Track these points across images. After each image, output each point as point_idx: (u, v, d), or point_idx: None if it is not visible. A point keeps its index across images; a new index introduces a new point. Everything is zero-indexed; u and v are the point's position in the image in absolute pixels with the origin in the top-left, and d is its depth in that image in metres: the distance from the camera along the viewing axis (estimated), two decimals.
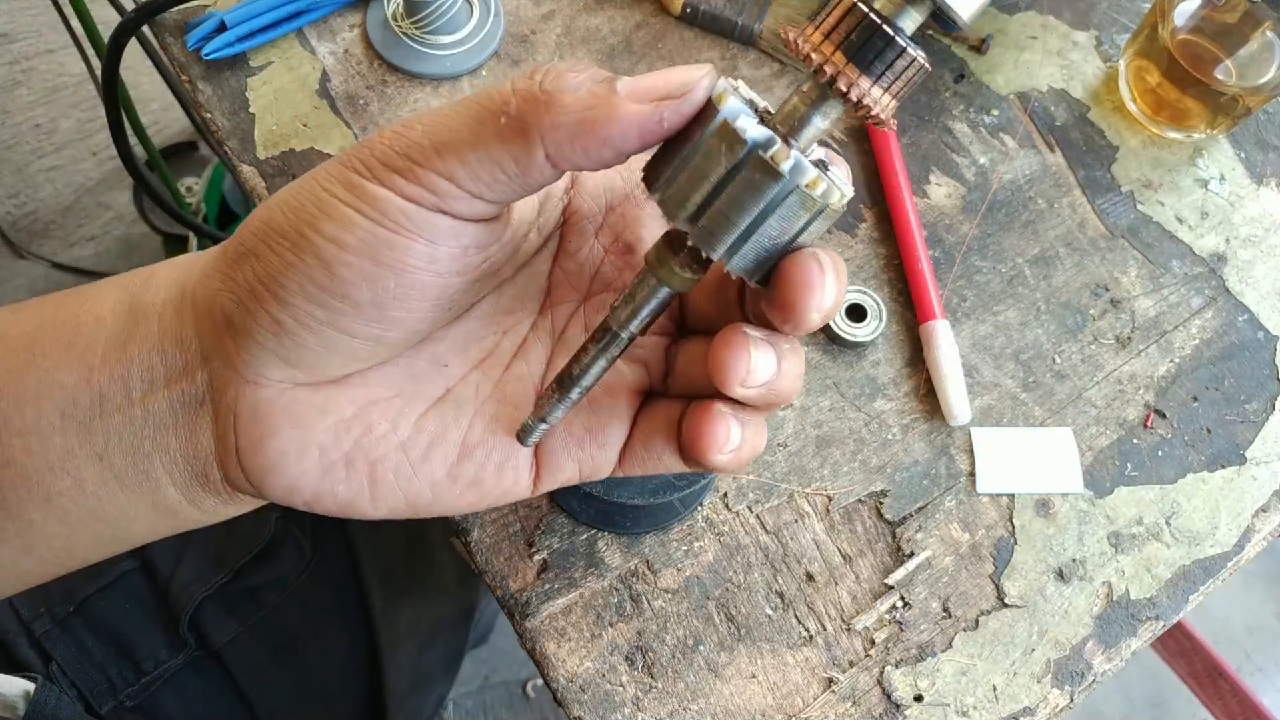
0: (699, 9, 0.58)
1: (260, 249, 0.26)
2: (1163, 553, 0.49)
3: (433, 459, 0.30)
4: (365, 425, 0.29)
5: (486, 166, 0.25)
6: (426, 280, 0.27)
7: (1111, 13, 0.63)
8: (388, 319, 0.27)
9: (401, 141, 0.25)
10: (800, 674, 0.45)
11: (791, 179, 0.25)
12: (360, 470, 0.29)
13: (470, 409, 0.30)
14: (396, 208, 0.25)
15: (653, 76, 0.25)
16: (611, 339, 0.29)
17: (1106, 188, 0.58)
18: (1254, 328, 0.55)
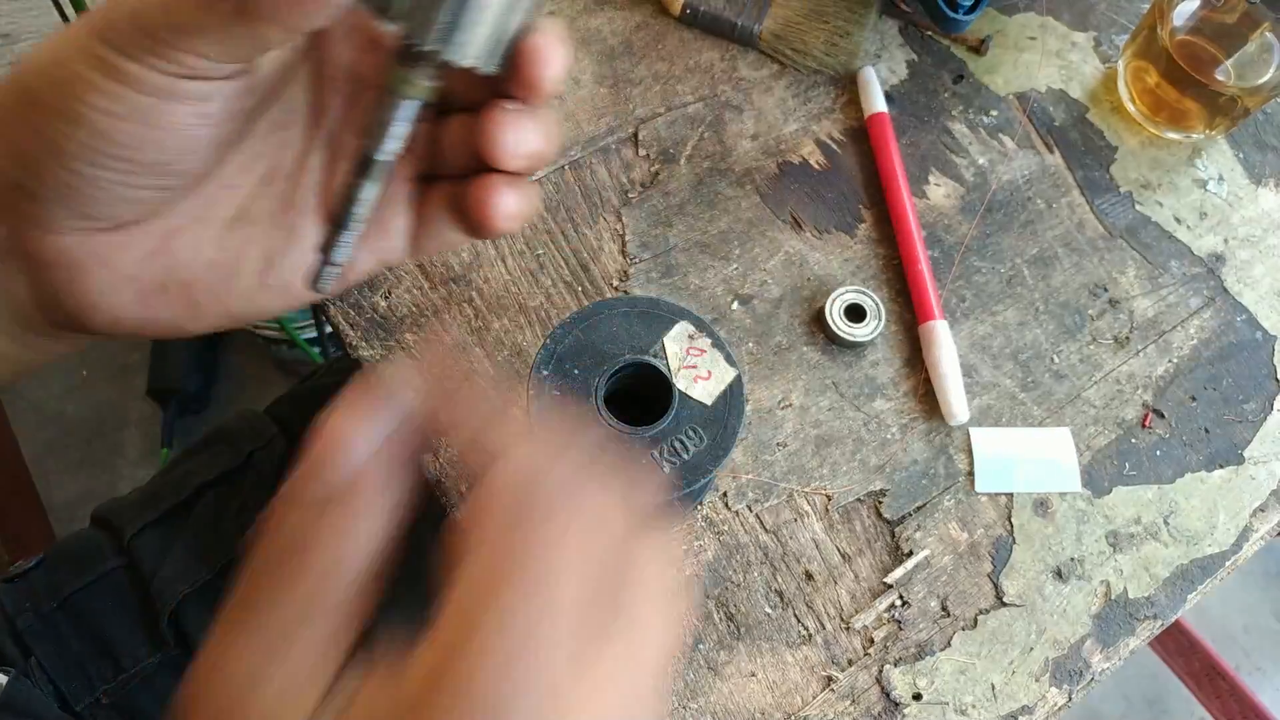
0: (699, 10, 0.58)
1: (34, 119, 0.27)
2: (1161, 552, 0.49)
3: (241, 273, 0.32)
4: (170, 253, 0.31)
5: (228, 43, 0.27)
6: (203, 133, 0.29)
7: (1110, 13, 0.64)
8: (172, 170, 0.29)
9: (142, 21, 0.26)
10: (799, 672, 0.45)
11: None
12: (175, 294, 0.31)
13: (266, 222, 0.33)
14: (154, 79, 0.27)
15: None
16: (373, 166, 0.30)
17: (1105, 188, 0.58)
18: (1252, 328, 0.55)
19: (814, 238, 0.55)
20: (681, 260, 0.53)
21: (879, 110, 0.57)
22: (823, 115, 0.58)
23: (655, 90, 0.58)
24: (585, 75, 0.58)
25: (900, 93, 0.59)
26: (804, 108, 0.58)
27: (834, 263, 0.54)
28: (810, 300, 0.53)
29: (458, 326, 0.50)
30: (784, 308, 0.53)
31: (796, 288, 0.53)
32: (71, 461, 1.27)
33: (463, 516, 0.25)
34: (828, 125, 0.58)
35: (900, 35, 0.61)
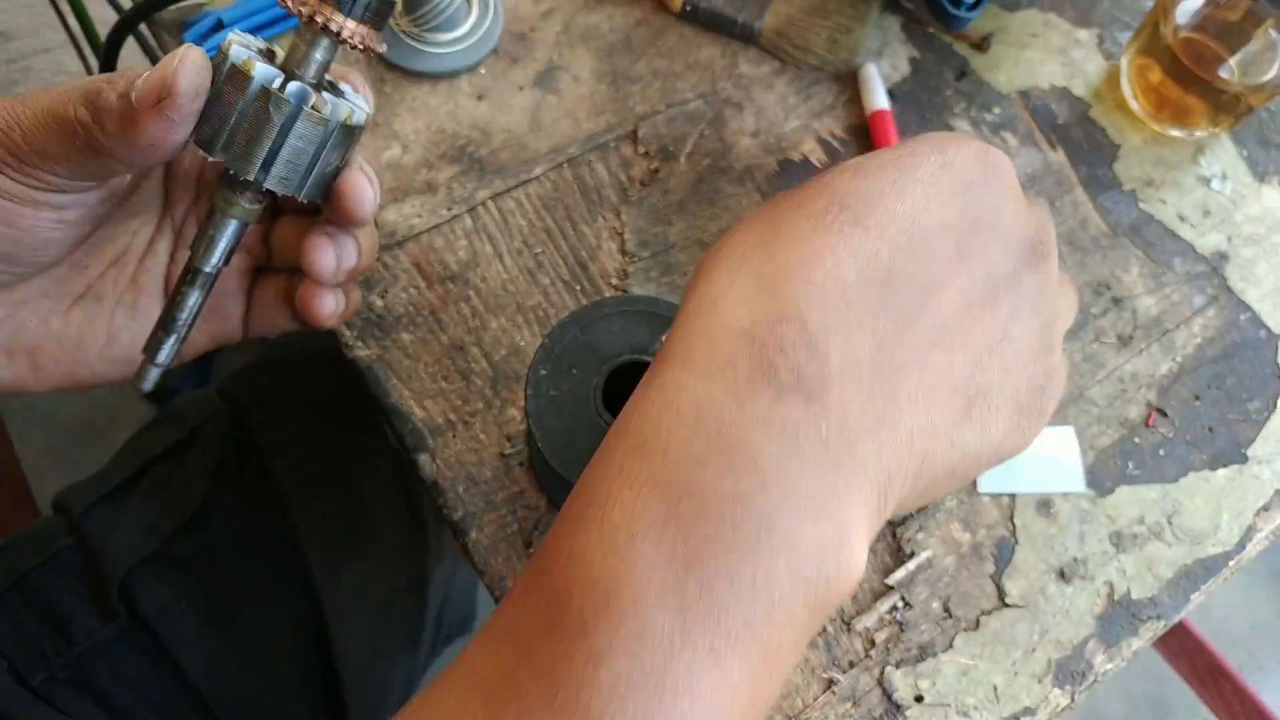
0: (699, 6, 0.58)
1: None
2: (1164, 552, 0.49)
3: (85, 345, 0.35)
4: (17, 323, 0.34)
5: (83, 169, 0.30)
6: (59, 234, 0.32)
7: (1113, 10, 0.63)
8: (25, 261, 0.32)
9: (9, 141, 0.29)
10: (800, 674, 0.45)
11: (333, 119, 0.31)
12: (20, 358, 0.34)
13: (111, 300, 0.36)
14: (18, 190, 0.29)
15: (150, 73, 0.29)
16: (198, 276, 0.34)
17: (1108, 186, 0.58)
18: (1256, 326, 0.54)
19: None
20: (681, 259, 0.53)
21: (881, 108, 0.56)
22: (824, 112, 0.58)
23: (655, 87, 0.57)
24: (584, 72, 0.57)
25: (902, 90, 0.59)
26: (805, 105, 0.58)
27: None
28: None
29: (455, 325, 0.50)
30: None
31: None
32: (67, 463, 1.27)
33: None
34: (829, 123, 0.57)
35: (902, 32, 0.61)
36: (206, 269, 0.34)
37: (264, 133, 0.30)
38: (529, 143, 0.55)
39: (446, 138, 0.54)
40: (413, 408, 0.48)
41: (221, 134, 0.31)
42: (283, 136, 0.31)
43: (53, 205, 0.31)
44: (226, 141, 0.31)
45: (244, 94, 0.30)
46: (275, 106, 0.30)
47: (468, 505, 0.46)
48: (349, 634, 0.64)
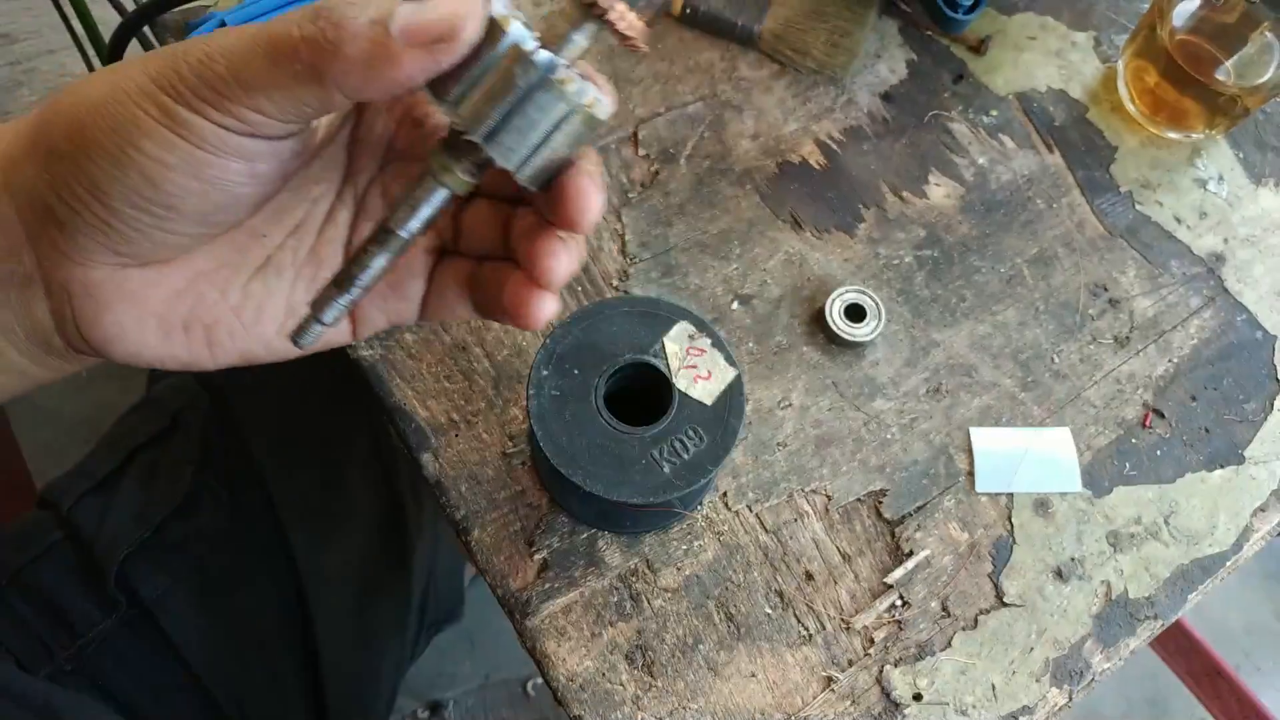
0: (698, 9, 0.58)
1: (77, 156, 0.27)
2: (1161, 552, 0.49)
3: (263, 319, 0.33)
4: (197, 294, 0.32)
5: (290, 102, 0.27)
6: (247, 190, 0.30)
7: (1110, 13, 0.64)
8: (211, 220, 0.30)
9: (207, 73, 0.26)
10: (800, 673, 0.45)
11: (576, 99, 0.29)
12: (197, 333, 0.32)
13: (290, 273, 0.34)
14: (212, 133, 0.27)
15: (423, 11, 0.26)
16: (390, 239, 0.31)
17: (1105, 188, 0.58)
18: (1252, 327, 0.55)
19: (814, 237, 0.55)
20: (681, 260, 0.53)
21: None
22: (823, 115, 0.58)
23: (655, 90, 0.58)
24: None
25: (900, 92, 0.59)
26: (804, 107, 0.58)
27: (834, 262, 0.54)
28: (810, 300, 0.53)
29: (457, 325, 0.50)
30: (784, 307, 0.52)
31: (796, 287, 0.53)
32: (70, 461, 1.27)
33: None
34: (828, 125, 0.58)
35: (900, 35, 0.61)
36: (402, 233, 0.31)
37: (503, 94, 0.28)
38: None
39: None
40: (416, 407, 0.48)
41: (457, 85, 0.28)
42: (521, 104, 0.28)
43: (245, 154, 0.28)
44: (460, 95, 0.28)
45: (493, 48, 0.28)
46: (522, 68, 0.28)
47: (470, 504, 0.46)
48: (330, 613, 0.64)
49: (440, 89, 0.29)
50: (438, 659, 1.17)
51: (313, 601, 0.62)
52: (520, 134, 0.29)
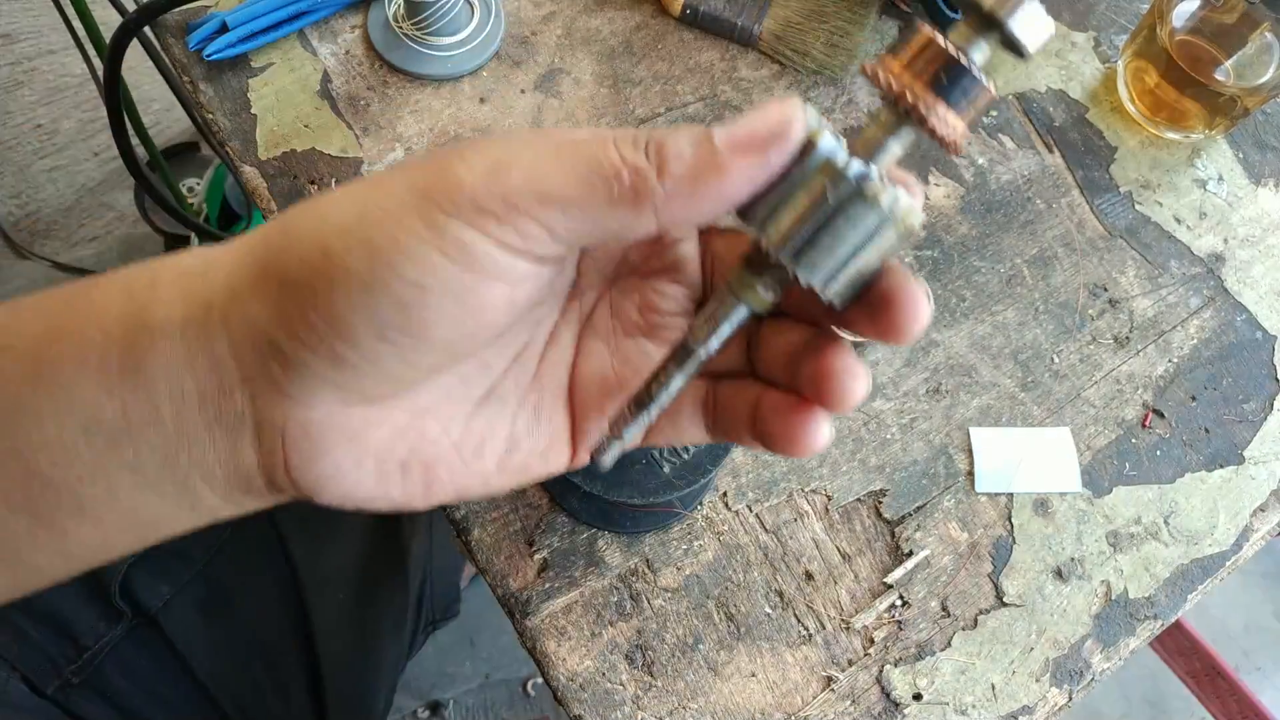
0: (699, 10, 0.58)
1: (318, 283, 0.24)
2: (1161, 552, 0.49)
3: (484, 454, 0.31)
4: (419, 431, 0.29)
5: (589, 224, 0.25)
6: (501, 318, 0.27)
7: (1110, 14, 0.64)
8: (453, 350, 0.27)
9: (499, 184, 0.24)
10: (799, 672, 0.45)
11: (889, 210, 0.27)
12: (415, 472, 0.29)
13: (513, 402, 0.31)
14: (484, 252, 0.24)
15: (747, 122, 0.25)
16: (689, 356, 0.30)
17: (1105, 188, 0.58)
18: (1252, 327, 0.55)
19: None
20: None
21: None
22: (823, 115, 0.58)
23: (655, 90, 0.58)
24: (585, 75, 0.58)
25: None
26: None
27: None
28: None
29: None
30: None
31: None
32: None
33: None
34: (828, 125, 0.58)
35: (899, 36, 0.61)
36: (701, 351, 0.30)
37: (812, 211, 0.26)
38: None
39: (449, 140, 0.55)
40: None
41: (764, 204, 0.27)
42: (832, 219, 0.27)
43: (510, 278, 0.25)
44: (767, 214, 0.27)
45: (802, 164, 0.26)
46: (833, 184, 0.26)
47: (470, 504, 0.46)
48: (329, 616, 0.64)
49: (747, 208, 0.27)
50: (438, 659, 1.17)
51: (312, 605, 0.62)
52: (829, 251, 0.27)
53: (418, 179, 0.25)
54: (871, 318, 0.28)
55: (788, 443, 0.30)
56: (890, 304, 0.28)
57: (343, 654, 0.66)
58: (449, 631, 0.99)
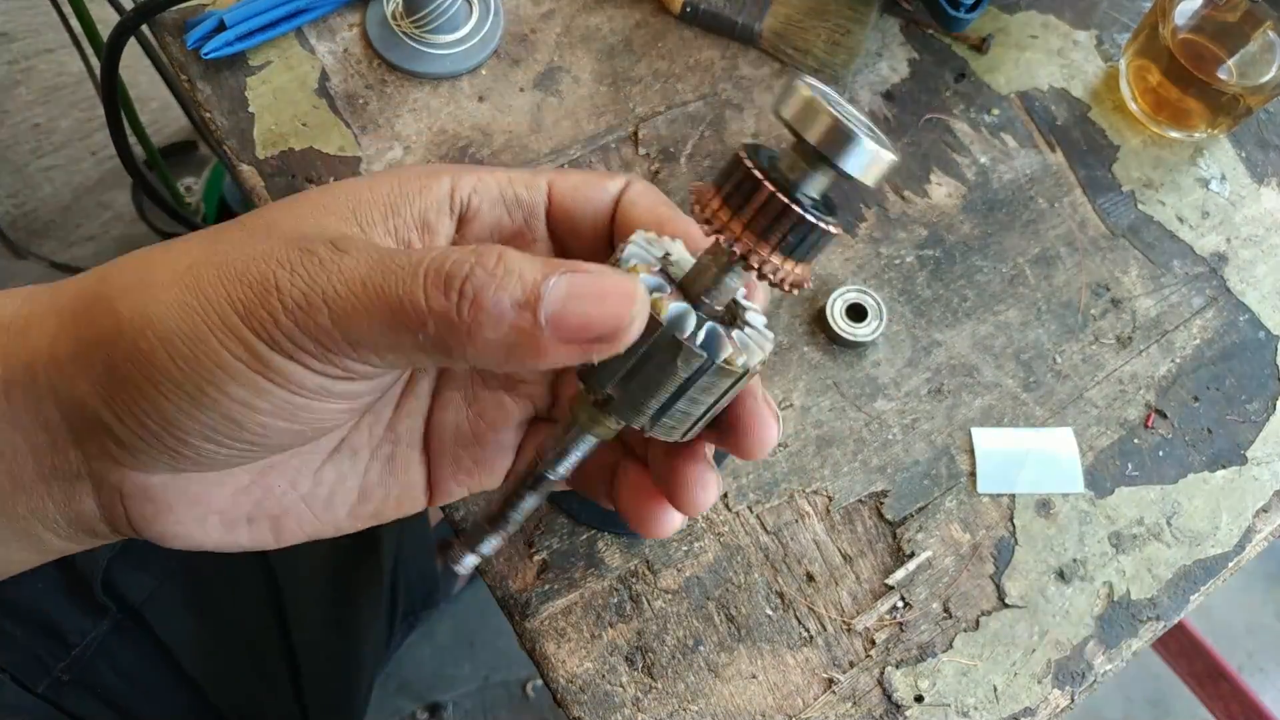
0: (699, 8, 0.58)
1: (145, 387, 0.24)
2: (1164, 553, 0.49)
3: (334, 505, 0.30)
4: (264, 488, 0.29)
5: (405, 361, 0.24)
6: (340, 420, 0.27)
7: (1112, 12, 0.63)
8: (295, 445, 0.27)
9: (309, 323, 0.23)
10: (801, 674, 0.45)
11: (743, 369, 0.26)
12: (263, 524, 0.29)
13: (365, 453, 0.31)
14: (309, 379, 0.24)
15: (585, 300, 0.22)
16: (542, 483, 0.30)
17: (1107, 187, 0.58)
18: (1255, 327, 0.55)
19: None
20: None
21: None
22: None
23: (655, 89, 0.57)
24: (585, 74, 0.57)
25: (901, 91, 0.59)
26: None
27: (835, 262, 0.54)
28: (811, 300, 0.52)
29: None
30: (784, 307, 0.52)
31: None
32: None
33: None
34: None
35: (901, 33, 0.61)
36: (552, 477, 0.29)
37: (664, 385, 0.25)
38: (530, 144, 0.55)
39: (448, 139, 0.55)
40: None
41: (613, 374, 0.26)
42: (684, 389, 0.26)
43: (343, 394, 0.25)
44: (619, 383, 0.26)
45: (647, 339, 0.25)
46: (685, 361, 0.25)
47: (469, 504, 0.46)
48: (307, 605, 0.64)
49: (590, 376, 0.26)
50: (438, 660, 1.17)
51: (287, 592, 0.62)
52: (685, 415, 0.27)
53: (238, 296, 0.23)
54: (721, 439, 0.29)
55: (637, 523, 0.30)
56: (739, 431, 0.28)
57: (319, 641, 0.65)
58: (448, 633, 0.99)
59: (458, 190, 0.28)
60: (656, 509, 0.30)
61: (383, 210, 0.27)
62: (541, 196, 0.30)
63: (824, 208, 0.26)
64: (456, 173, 0.29)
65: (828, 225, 0.25)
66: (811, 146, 0.24)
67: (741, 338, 0.26)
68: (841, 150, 0.23)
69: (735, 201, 0.25)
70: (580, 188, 0.30)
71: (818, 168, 0.25)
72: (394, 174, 0.28)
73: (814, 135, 0.23)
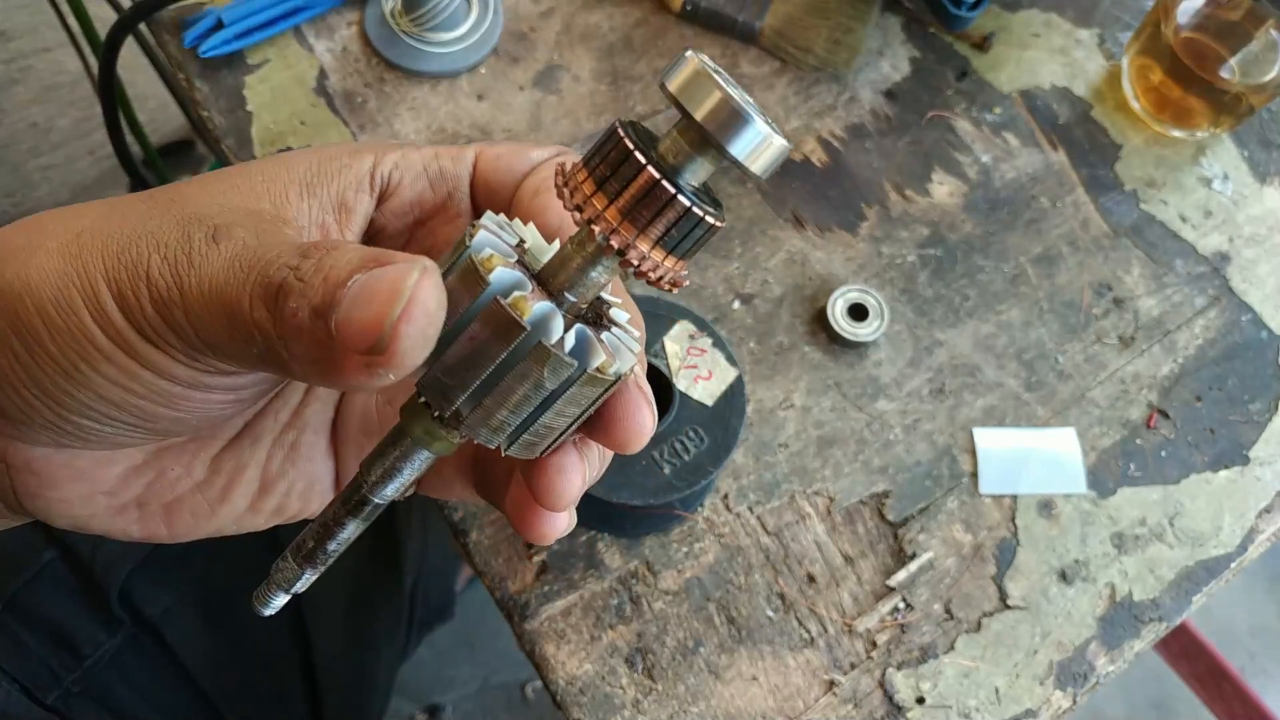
0: (699, 6, 0.58)
1: (23, 356, 0.22)
2: (1166, 554, 0.48)
3: (232, 496, 0.29)
4: (157, 470, 0.27)
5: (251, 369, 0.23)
6: (231, 410, 0.25)
7: (1114, 11, 0.63)
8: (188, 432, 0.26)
9: (170, 317, 0.21)
10: (801, 676, 0.44)
11: (618, 373, 0.23)
12: (154, 512, 0.28)
13: (268, 440, 0.29)
14: (181, 372, 0.23)
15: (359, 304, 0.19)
16: (365, 506, 0.26)
17: (1109, 186, 0.57)
18: (1257, 327, 0.54)
19: (816, 236, 0.54)
20: None
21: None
22: (825, 112, 0.58)
23: (655, 88, 0.57)
24: (584, 72, 0.57)
25: (903, 90, 0.59)
26: (806, 105, 0.58)
27: (836, 261, 0.53)
28: (812, 299, 0.52)
29: None
30: (786, 307, 0.52)
31: (798, 287, 0.53)
32: None
33: None
34: (830, 122, 0.57)
35: (903, 32, 0.61)
36: (378, 500, 0.25)
37: (526, 398, 0.22)
38: None
39: (447, 137, 0.54)
40: None
41: (463, 385, 0.22)
42: (549, 402, 0.22)
43: (228, 388, 0.24)
44: (471, 396, 0.22)
45: (506, 345, 0.21)
46: (553, 371, 0.21)
47: (468, 506, 0.46)
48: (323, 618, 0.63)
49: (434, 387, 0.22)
50: (436, 662, 1.16)
51: (308, 607, 0.62)
52: (547, 430, 0.23)
53: (115, 271, 0.22)
54: (589, 431, 0.26)
55: (526, 534, 0.28)
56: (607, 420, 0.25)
57: (338, 656, 0.65)
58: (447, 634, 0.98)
59: (379, 167, 0.27)
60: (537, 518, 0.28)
61: (298, 189, 0.25)
62: (466, 169, 0.28)
63: (706, 198, 0.23)
64: (380, 150, 0.27)
65: (714, 219, 0.22)
66: (698, 124, 0.21)
67: (612, 341, 0.23)
68: (731, 131, 0.21)
69: (611, 187, 0.21)
70: (504, 156, 0.28)
71: (703, 151, 0.22)
72: (315, 151, 0.27)
73: (702, 112, 0.21)
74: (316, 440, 0.30)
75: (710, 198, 0.23)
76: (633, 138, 0.21)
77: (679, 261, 0.22)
